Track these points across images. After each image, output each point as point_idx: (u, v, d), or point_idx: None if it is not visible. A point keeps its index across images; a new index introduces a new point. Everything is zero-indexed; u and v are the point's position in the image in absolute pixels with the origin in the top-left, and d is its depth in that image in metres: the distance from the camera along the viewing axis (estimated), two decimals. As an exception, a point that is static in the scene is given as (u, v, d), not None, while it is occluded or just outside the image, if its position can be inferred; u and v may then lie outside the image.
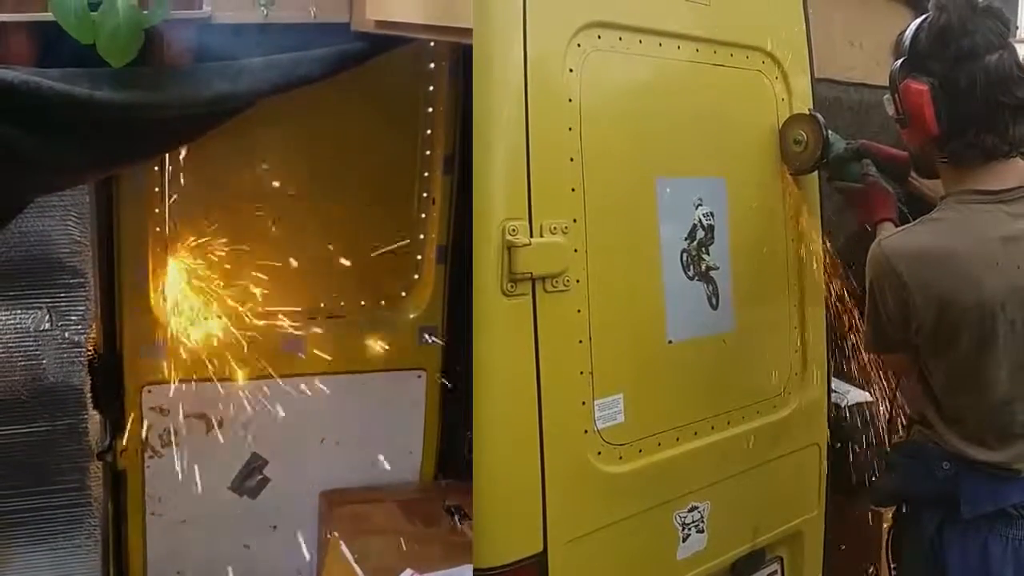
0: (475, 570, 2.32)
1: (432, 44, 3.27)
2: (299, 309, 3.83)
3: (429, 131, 3.79)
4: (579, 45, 2.40)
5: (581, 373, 2.41)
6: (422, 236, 3.90)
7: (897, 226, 2.66)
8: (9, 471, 3.52)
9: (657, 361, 2.61)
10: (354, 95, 3.40)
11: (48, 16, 2.29)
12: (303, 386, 3.81)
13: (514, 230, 2.25)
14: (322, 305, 3.86)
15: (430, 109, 3.77)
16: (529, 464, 2.32)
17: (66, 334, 3.52)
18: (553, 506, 2.35)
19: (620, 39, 2.50)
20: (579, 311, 2.39)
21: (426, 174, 3.85)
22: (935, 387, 2.50)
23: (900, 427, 2.83)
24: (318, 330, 3.83)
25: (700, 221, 2.69)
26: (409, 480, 4.05)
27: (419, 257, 3.93)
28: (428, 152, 3.82)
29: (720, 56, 2.75)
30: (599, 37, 2.44)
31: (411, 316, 3.95)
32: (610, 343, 2.46)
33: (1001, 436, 2.45)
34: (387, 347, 3.91)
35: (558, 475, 2.35)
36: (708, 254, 2.71)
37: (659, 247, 2.60)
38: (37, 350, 3.51)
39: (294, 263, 3.69)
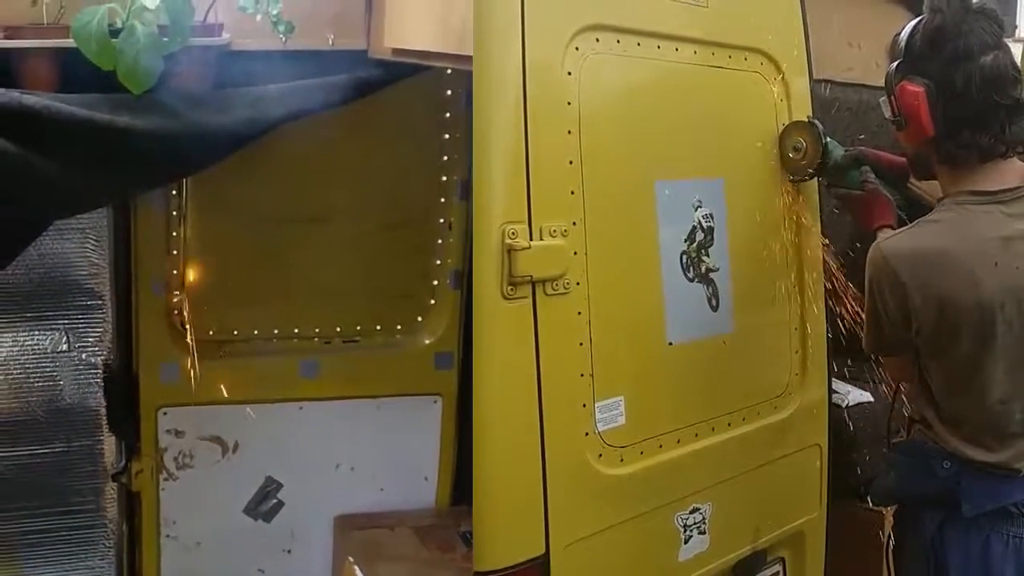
0: (476, 573, 2.32)
1: (448, 71, 3.29)
2: (315, 333, 3.86)
3: (446, 157, 3.80)
4: (577, 48, 2.41)
5: (582, 375, 2.41)
6: (438, 262, 3.90)
7: (895, 231, 2.66)
8: (25, 492, 3.52)
9: (657, 363, 2.61)
10: (371, 122, 3.41)
11: (69, 42, 2.34)
12: (318, 410, 3.82)
13: (514, 233, 2.26)
14: (338, 330, 3.88)
15: (447, 136, 3.78)
16: (530, 467, 2.32)
17: (83, 356, 3.53)
18: (554, 508, 2.35)
19: (618, 42, 2.52)
20: (579, 313, 2.40)
21: (442, 200, 3.85)
22: (934, 388, 2.50)
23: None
24: (334, 355, 3.85)
25: (699, 223, 2.70)
26: (424, 506, 4.02)
27: (435, 283, 3.93)
28: (444, 178, 3.83)
29: (718, 58, 2.77)
30: (597, 40, 2.46)
31: (427, 342, 3.95)
32: (610, 345, 2.46)
33: (1000, 436, 2.45)
34: (403, 372, 3.92)
35: (559, 477, 2.36)
36: (708, 256, 2.72)
37: (659, 249, 2.61)
38: (54, 371, 3.52)
39: (310, 287, 3.72)
